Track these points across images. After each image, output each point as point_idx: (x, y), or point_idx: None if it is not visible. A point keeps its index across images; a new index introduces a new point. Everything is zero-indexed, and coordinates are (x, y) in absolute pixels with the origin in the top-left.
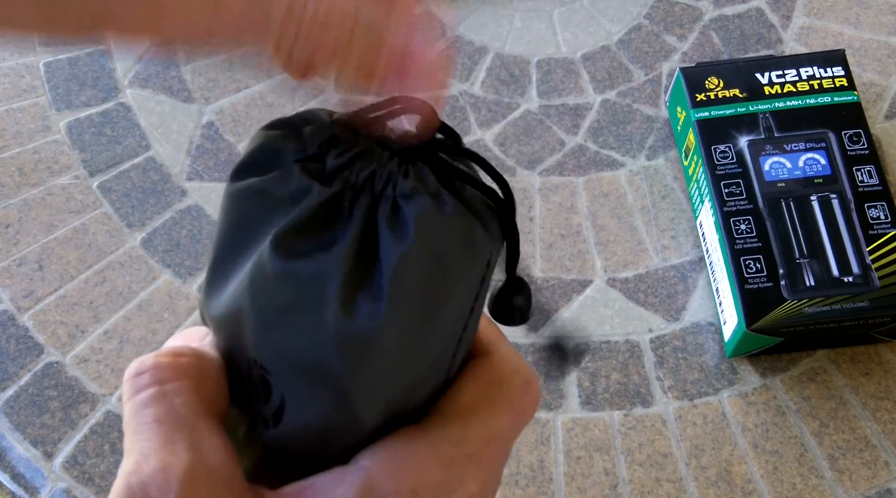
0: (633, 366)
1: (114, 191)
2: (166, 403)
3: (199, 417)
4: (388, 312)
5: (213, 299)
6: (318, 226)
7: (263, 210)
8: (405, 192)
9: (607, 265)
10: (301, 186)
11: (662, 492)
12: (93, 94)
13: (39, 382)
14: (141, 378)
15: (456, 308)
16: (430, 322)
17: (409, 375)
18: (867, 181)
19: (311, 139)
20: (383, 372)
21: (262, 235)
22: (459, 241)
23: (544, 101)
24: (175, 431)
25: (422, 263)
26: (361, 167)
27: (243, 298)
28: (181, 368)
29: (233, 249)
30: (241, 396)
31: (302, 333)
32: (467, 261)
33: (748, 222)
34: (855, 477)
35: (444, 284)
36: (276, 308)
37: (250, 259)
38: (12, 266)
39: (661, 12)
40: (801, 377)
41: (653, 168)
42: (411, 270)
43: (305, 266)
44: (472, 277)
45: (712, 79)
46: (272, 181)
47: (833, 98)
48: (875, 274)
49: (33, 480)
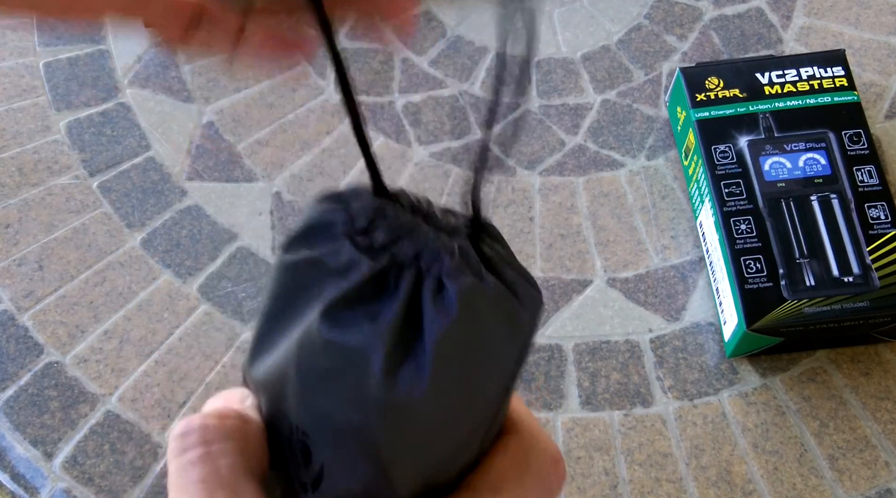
0: (633, 366)
1: (114, 191)
2: (211, 463)
3: (242, 480)
4: (429, 384)
5: (258, 363)
6: (365, 298)
7: (315, 280)
8: (450, 270)
9: (607, 265)
10: (351, 260)
11: (662, 492)
12: (93, 94)
13: (39, 382)
14: (188, 438)
15: (494, 384)
16: (470, 397)
17: (446, 447)
18: (867, 181)
19: (360, 213)
20: (421, 443)
21: (312, 304)
22: (500, 320)
23: (544, 101)
24: (219, 492)
25: (464, 339)
26: (408, 244)
27: (289, 363)
28: (227, 430)
29: (282, 315)
30: (280, 460)
31: (345, 400)
32: (507, 339)
33: (748, 222)
34: (855, 477)
35: (485, 360)
36: (321, 375)
37: (299, 326)
38: (12, 266)
39: (661, 12)
40: (801, 377)
41: (653, 168)
42: (453, 344)
43: (352, 336)
44: (510, 354)
45: (712, 79)
46: (322, 253)
47: (833, 98)
48: (875, 274)
49: (33, 480)
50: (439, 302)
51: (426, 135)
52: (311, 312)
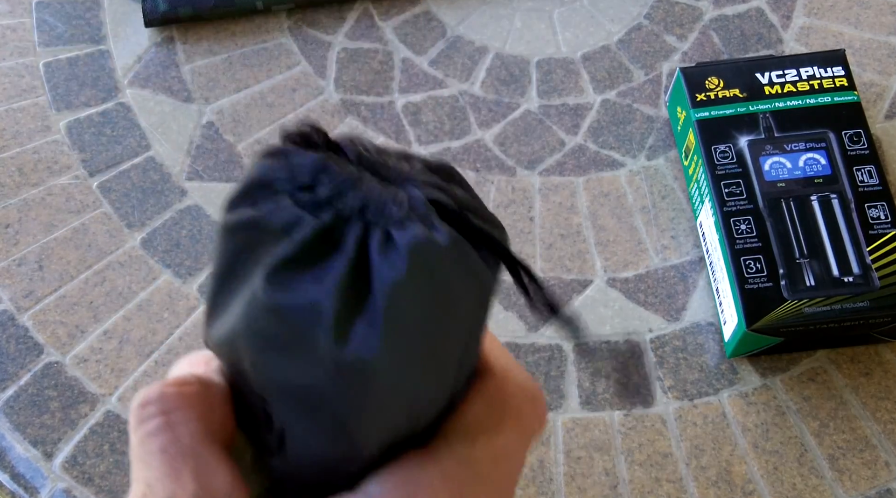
0: (633, 366)
1: (114, 191)
2: (172, 432)
3: (205, 446)
4: (383, 340)
5: (213, 327)
6: (310, 257)
7: (256, 242)
8: (397, 220)
9: (607, 265)
10: (293, 217)
11: (662, 492)
12: (93, 94)
13: (39, 382)
14: (146, 409)
15: (457, 334)
16: (430, 350)
17: (410, 400)
18: (867, 181)
19: (303, 167)
20: (381, 399)
21: (255, 267)
22: (455, 267)
23: (544, 101)
24: (181, 460)
25: (416, 290)
26: (354, 196)
27: (239, 328)
28: (186, 397)
29: (231, 277)
30: (249, 422)
31: (297, 363)
32: (464, 286)
33: (748, 222)
34: (855, 477)
35: (444, 311)
36: (271, 340)
37: (246, 289)
38: (12, 266)
39: (661, 12)
40: (801, 377)
41: (653, 168)
42: (406, 297)
43: (298, 298)
44: (470, 301)
45: (712, 79)
46: (263, 213)
47: (833, 98)
48: (875, 274)
49: (33, 480)
50: (388, 255)
51: (426, 135)
52: (255, 274)
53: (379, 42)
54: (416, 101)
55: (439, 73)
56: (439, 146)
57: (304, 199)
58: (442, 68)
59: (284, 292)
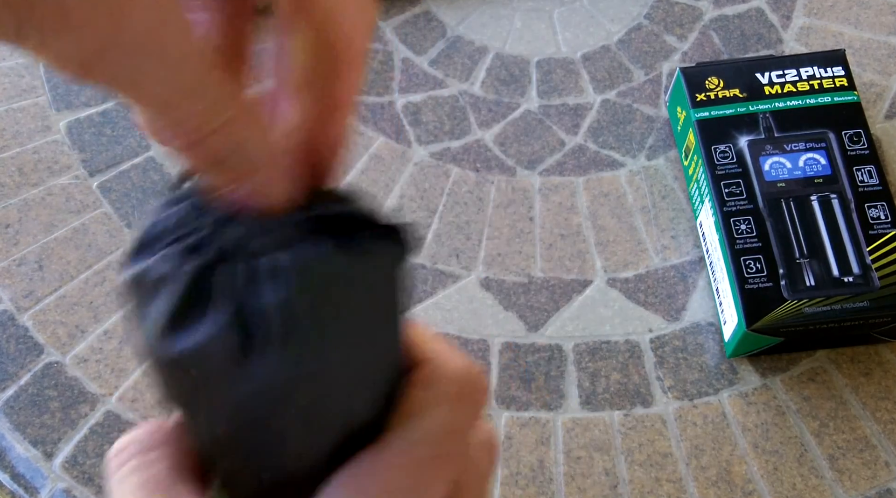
0: (633, 366)
1: (114, 191)
2: (148, 470)
3: (179, 481)
4: (282, 365)
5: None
6: (195, 302)
7: (143, 296)
8: (274, 247)
9: (607, 265)
10: (173, 266)
11: (662, 492)
12: (93, 94)
13: (39, 382)
14: (122, 454)
15: (370, 337)
16: (338, 354)
17: (338, 406)
18: (867, 181)
19: (178, 213)
20: (303, 415)
21: (148, 322)
22: (342, 272)
23: (544, 101)
24: (156, 494)
25: (308, 305)
26: (229, 235)
27: (160, 387)
28: (160, 437)
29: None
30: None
31: (211, 406)
32: (358, 289)
33: (748, 222)
34: (855, 477)
35: (345, 320)
36: (181, 391)
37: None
38: (12, 266)
39: (661, 12)
40: (801, 377)
41: (653, 168)
42: (300, 318)
43: (189, 345)
44: (379, 303)
45: (712, 79)
46: (146, 267)
47: (833, 98)
48: (875, 274)
49: (33, 480)
50: (273, 278)
51: (426, 135)
52: (149, 330)
53: (379, 42)
54: (416, 101)
55: (439, 73)
56: (439, 146)
57: (184, 247)
58: (442, 68)
59: (175, 343)
